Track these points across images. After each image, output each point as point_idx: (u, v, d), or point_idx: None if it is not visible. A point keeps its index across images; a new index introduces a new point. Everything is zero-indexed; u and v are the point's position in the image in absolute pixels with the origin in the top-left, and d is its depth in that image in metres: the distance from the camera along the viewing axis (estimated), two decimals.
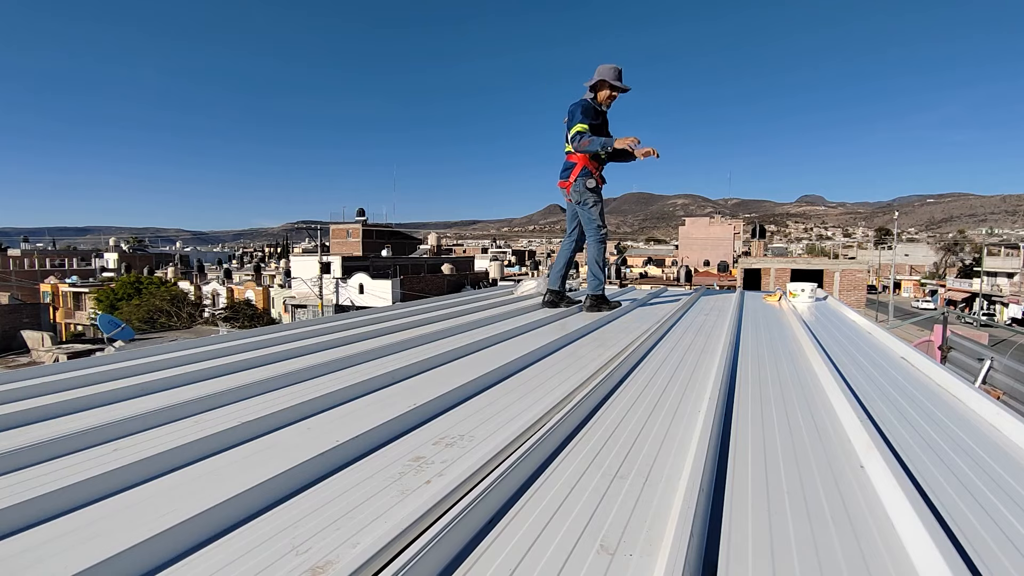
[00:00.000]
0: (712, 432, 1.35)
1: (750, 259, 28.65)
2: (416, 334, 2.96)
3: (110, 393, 1.81)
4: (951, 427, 1.57)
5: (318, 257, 33.05)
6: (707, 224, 56.26)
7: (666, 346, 2.76)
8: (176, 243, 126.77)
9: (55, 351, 20.13)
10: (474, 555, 0.90)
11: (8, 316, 23.81)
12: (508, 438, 1.35)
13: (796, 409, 1.71)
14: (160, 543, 0.90)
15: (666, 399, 1.80)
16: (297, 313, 34.48)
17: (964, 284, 52.05)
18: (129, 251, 62.07)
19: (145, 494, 1.13)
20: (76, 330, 35.99)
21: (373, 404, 1.75)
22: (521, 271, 52.71)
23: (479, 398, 1.83)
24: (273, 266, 55.14)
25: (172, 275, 48.31)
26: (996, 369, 5.25)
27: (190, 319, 33.11)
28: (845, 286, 23.85)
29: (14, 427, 1.54)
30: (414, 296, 27.82)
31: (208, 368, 2.17)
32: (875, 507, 1.07)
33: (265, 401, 1.77)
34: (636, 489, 1.14)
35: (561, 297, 4.22)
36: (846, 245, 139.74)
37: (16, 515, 1.00)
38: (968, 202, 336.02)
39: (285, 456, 1.25)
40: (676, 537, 0.87)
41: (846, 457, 1.32)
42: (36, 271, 46.53)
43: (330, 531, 0.98)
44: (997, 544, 0.95)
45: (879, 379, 2.13)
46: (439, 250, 62.30)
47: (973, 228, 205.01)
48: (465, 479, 1.11)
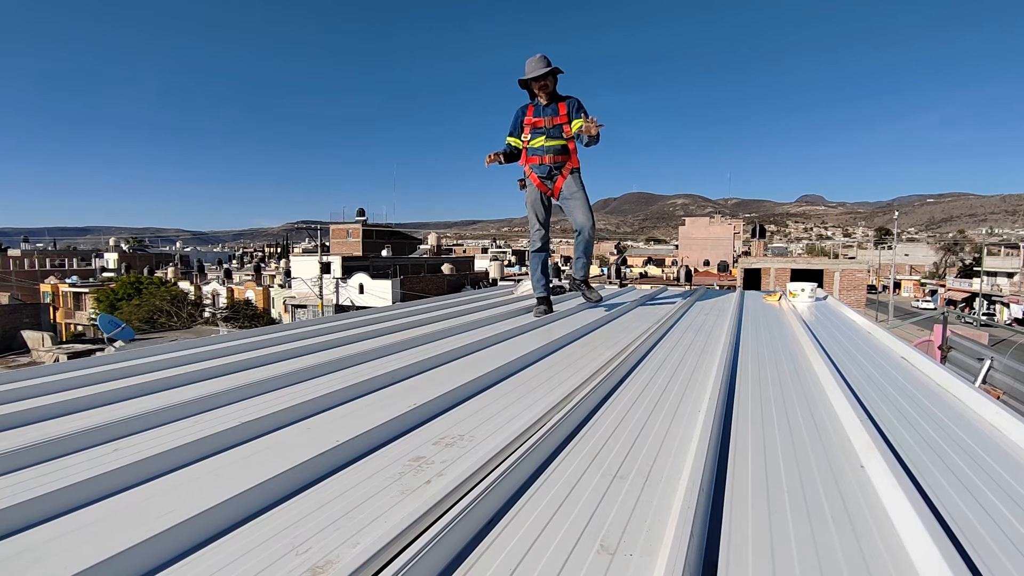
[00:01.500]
0: (712, 432, 1.35)
1: (750, 259, 28.65)
2: (416, 334, 2.96)
3: (110, 393, 1.81)
4: (951, 427, 1.57)
5: (318, 257, 33.06)
6: (707, 224, 56.26)
7: (666, 346, 2.76)
8: (176, 243, 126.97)
9: (55, 351, 20.14)
10: (474, 555, 0.90)
11: (8, 316, 23.81)
12: (508, 438, 1.35)
13: (796, 409, 1.71)
14: (160, 543, 0.90)
15: (666, 399, 1.80)
16: (297, 313, 34.48)
17: (964, 284, 52.05)
18: (129, 251, 62.08)
19: (145, 494, 1.13)
20: (76, 330, 36.00)
21: (373, 404, 1.75)
22: (521, 271, 52.70)
23: (479, 398, 1.83)
24: (273, 266, 55.15)
25: (172, 275, 48.32)
26: (996, 369, 5.25)
27: (190, 319, 33.12)
28: (845, 286, 23.85)
29: (14, 427, 1.54)
30: (414, 296, 27.82)
31: (208, 368, 2.17)
32: (875, 507, 1.06)
33: (265, 401, 1.77)
34: (636, 489, 1.14)
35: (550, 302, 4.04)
36: (846, 245, 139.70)
37: (16, 515, 1.00)
38: (968, 202, 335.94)
39: (285, 456, 1.25)
40: (676, 537, 0.87)
41: (846, 457, 1.32)
42: (36, 271, 46.53)
43: (330, 531, 0.98)
44: (997, 544, 0.94)
45: (879, 379, 2.13)
46: (439, 250, 62.31)
47: (973, 228, 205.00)
48: (465, 479, 1.11)
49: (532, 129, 3.92)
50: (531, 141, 3.94)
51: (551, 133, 3.86)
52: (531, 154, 3.96)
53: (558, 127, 3.85)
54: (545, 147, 3.87)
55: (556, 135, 3.86)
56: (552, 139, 3.87)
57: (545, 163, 3.89)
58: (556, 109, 3.84)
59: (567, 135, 3.86)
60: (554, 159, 3.88)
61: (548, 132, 3.86)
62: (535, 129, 3.91)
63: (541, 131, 3.90)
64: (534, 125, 3.91)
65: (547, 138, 3.88)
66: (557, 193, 3.94)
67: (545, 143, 3.88)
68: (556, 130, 3.85)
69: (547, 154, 3.87)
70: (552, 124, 3.84)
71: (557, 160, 3.89)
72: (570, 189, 3.91)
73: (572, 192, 3.91)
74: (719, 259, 46.74)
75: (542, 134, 3.89)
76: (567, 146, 3.89)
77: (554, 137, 3.86)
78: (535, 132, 3.91)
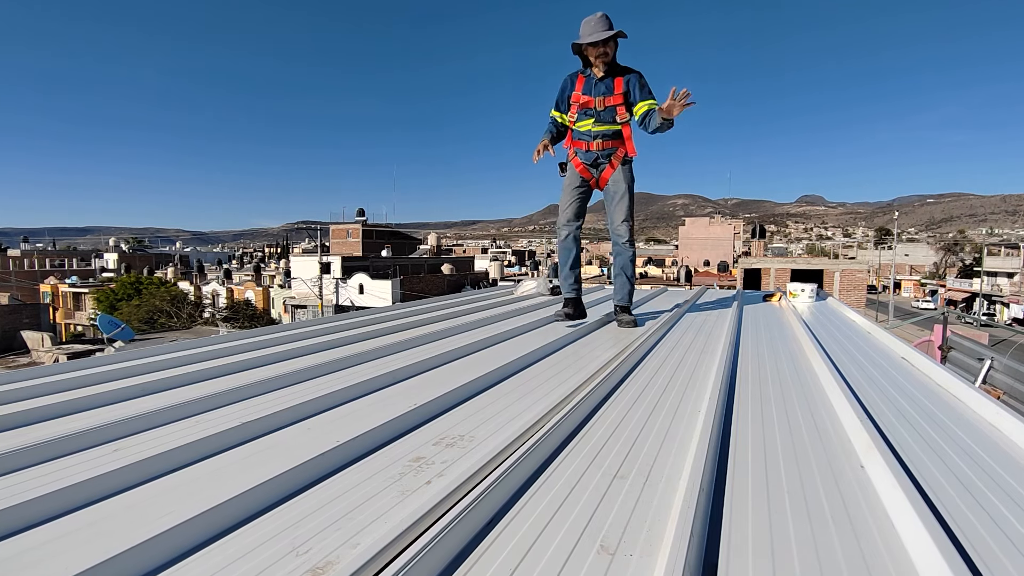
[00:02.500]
0: (712, 432, 1.35)
1: (750, 259, 28.65)
2: (416, 334, 2.96)
3: (110, 393, 1.81)
4: (951, 427, 1.57)
5: (318, 257, 33.05)
6: (707, 224, 56.29)
7: (666, 346, 2.76)
8: (176, 243, 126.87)
9: (55, 351, 20.14)
10: (474, 555, 0.90)
11: (8, 316, 23.81)
12: (508, 438, 1.35)
13: (796, 409, 1.71)
14: (160, 543, 0.90)
15: (666, 399, 1.80)
16: (297, 313, 34.48)
17: (964, 284, 52.06)
18: (129, 251, 62.12)
19: (146, 494, 1.13)
20: (76, 330, 35.99)
21: (373, 404, 1.75)
22: (521, 271, 52.71)
23: (479, 398, 1.83)
24: (273, 266, 55.17)
25: (172, 275, 48.32)
26: (996, 369, 5.25)
27: (190, 319, 33.12)
28: (845, 286, 23.85)
29: (14, 427, 1.54)
30: (414, 296, 27.82)
31: (208, 368, 2.18)
32: (875, 507, 1.07)
33: (265, 401, 1.77)
34: (636, 489, 1.14)
35: (580, 305, 3.43)
36: (846, 245, 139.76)
37: (16, 515, 1.00)
38: (968, 202, 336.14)
39: (285, 456, 1.25)
40: (676, 537, 0.87)
41: (846, 457, 1.32)
42: (36, 271, 46.53)
43: (330, 531, 0.98)
44: (997, 544, 0.94)
45: (879, 379, 2.13)
46: (439, 250, 62.33)
47: (973, 228, 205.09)
48: (465, 479, 1.11)
49: (580, 109, 3.29)
50: (577, 122, 3.33)
51: (602, 117, 3.25)
52: (576, 138, 3.37)
53: (611, 109, 3.23)
54: (593, 132, 3.27)
55: (608, 119, 3.25)
56: (603, 123, 3.25)
57: (592, 149, 3.30)
58: (611, 86, 3.19)
59: (621, 118, 3.24)
60: (603, 145, 3.29)
61: (599, 115, 3.25)
62: (583, 109, 3.29)
63: (590, 112, 3.27)
64: (583, 105, 3.27)
65: (596, 122, 3.26)
66: (603, 184, 3.37)
67: (593, 127, 3.27)
68: (608, 113, 3.23)
69: (595, 139, 3.28)
70: (604, 106, 3.22)
71: (607, 147, 3.30)
72: (617, 184, 3.32)
73: (619, 189, 3.32)
74: (719, 259, 46.76)
75: (590, 116, 3.27)
76: (621, 131, 3.29)
77: (605, 121, 3.25)
78: (583, 113, 3.29)
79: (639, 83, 3.19)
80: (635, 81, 3.19)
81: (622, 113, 3.22)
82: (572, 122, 3.34)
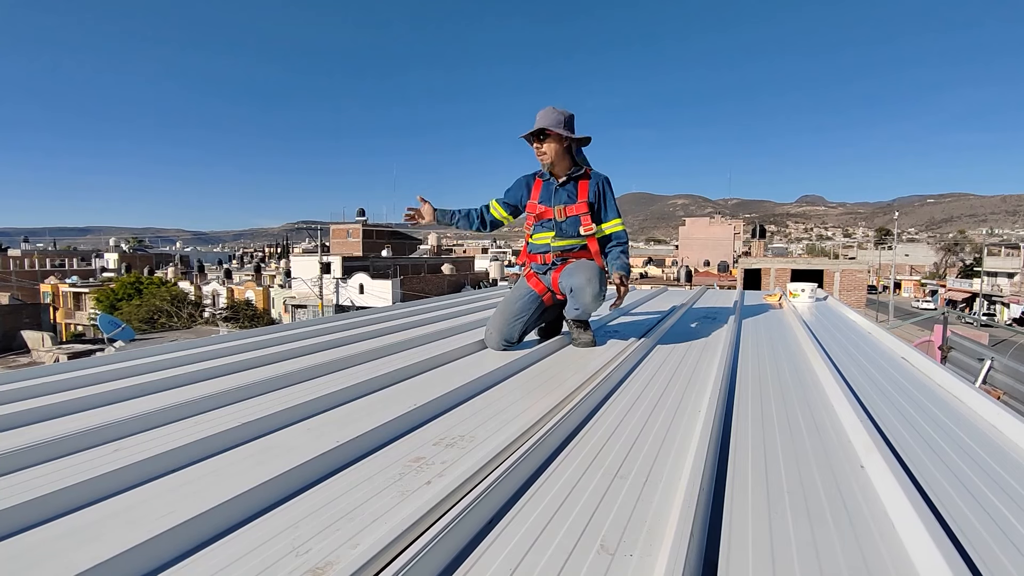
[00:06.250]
0: (712, 432, 1.35)
1: (750, 259, 28.65)
2: (416, 334, 2.96)
3: (110, 393, 1.81)
4: (951, 427, 1.57)
5: (318, 257, 33.06)
6: (707, 224, 56.28)
7: (666, 346, 2.76)
8: (176, 243, 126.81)
9: (55, 351, 20.14)
10: (474, 555, 0.90)
11: (8, 316, 23.81)
12: (508, 438, 1.35)
13: (796, 409, 1.71)
14: (160, 544, 0.90)
15: (666, 399, 1.80)
16: (297, 313, 34.48)
17: (964, 284, 52.04)
18: (129, 251, 62.11)
19: (145, 495, 1.13)
20: (76, 330, 36.00)
21: (373, 404, 1.75)
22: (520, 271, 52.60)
23: (479, 398, 1.83)
24: (273, 266, 55.17)
25: (172, 275, 48.32)
26: (996, 369, 5.25)
27: (190, 319, 33.11)
28: (845, 286, 23.84)
29: (14, 427, 1.54)
30: (414, 296, 27.83)
31: (208, 368, 2.18)
32: (875, 507, 1.06)
33: (265, 401, 1.77)
34: (636, 489, 1.14)
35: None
36: (846, 245, 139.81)
37: (16, 515, 1.00)
38: (968, 202, 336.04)
39: (285, 457, 1.25)
40: (676, 537, 0.87)
41: (846, 457, 1.32)
42: (36, 271, 46.54)
43: (330, 532, 0.98)
44: (997, 544, 0.94)
45: (879, 379, 2.13)
46: (439, 250, 62.33)
47: (973, 228, 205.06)
48: (465, 480, 1.11)
49: (536, 221, 2.69)
50: (534, 235, 2.72)
51: (563, 230, 2.64)
52: (532, 251, 2.75)
53: (574, 220, 2.62)
54: (553, 247, 2.67)
55: (571, 232, 2.64)
56: (565, 237, 2.65)
57: (547, 262, 2.69)
58: (574, 193, 2.62)
59: (587, 230, 2.61)
60: (562, 256, 2.69)
61: (559, 228, 2.64)
62: (541, 221, 2.68)
63: (548, 225, 2.66)
64: (540, 216, 2.67)
65: (557, 236, 2.65)
66: (556, 287, 2.66)
67: (553, 243, 2.66)
68: (571, 225, 2.63)
69: (555, 252, 2.68)
70: (565, 216, 2.62)
71: (566, 257, 2.69)
72: (569, 268, 2.62)
73: (575, 267, 2.61)
74: (719, 259, 46.74)
75: (549, 229, 2.66)
76: (587, 246, 2.67)
77: (568, 235, 2.64)
78: (539, 225, 2.69)
79: (602, 190, 2.66)
80: (603, 189, 2.66)
81: (587, 224, 2.61)
82: (528, 235, 2.76)
